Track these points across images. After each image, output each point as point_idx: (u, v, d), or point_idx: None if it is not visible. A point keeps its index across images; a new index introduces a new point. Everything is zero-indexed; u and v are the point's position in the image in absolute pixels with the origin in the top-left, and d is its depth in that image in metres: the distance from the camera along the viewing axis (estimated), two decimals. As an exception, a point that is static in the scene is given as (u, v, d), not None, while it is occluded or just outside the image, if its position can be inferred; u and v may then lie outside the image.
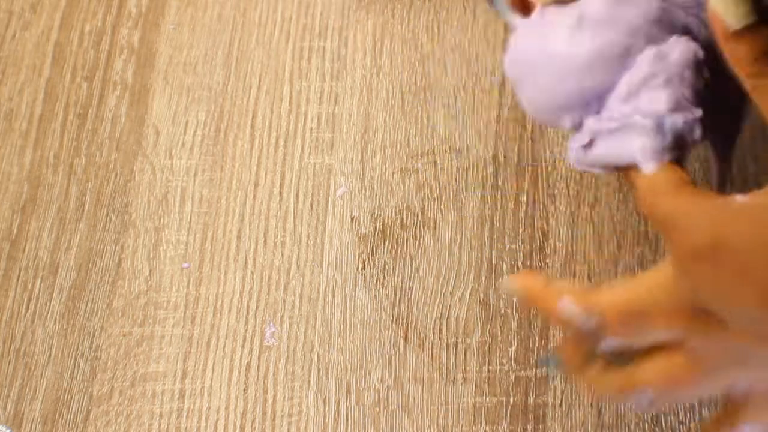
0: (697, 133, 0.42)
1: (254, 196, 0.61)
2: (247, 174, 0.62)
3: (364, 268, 0.59)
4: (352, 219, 0.60)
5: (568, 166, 0.60)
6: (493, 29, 0.65)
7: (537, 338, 0.56)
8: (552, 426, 0.54)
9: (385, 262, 0.59)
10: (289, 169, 0.62)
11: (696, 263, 0.38)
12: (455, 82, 0.64)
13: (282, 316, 0.58)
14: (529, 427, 0.54)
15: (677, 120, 0.41)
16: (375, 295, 0.58)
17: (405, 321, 0.57)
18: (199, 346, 0.57)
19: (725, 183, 0.46)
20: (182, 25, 0.67)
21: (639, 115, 0.41)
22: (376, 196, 0.61)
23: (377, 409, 0.55)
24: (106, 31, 0.67)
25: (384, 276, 0.58)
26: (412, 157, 0.62)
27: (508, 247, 0.59)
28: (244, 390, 0.56)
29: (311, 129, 0.63)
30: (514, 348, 0.56)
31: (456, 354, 0.56)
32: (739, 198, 0.38)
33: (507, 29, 0.65)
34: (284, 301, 0.58)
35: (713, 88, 0.43)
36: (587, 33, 0.43)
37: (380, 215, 0.60)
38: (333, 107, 0.64)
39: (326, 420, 0.55)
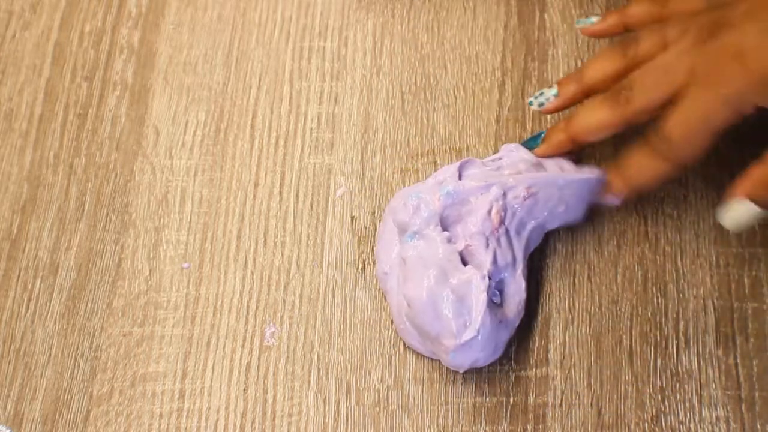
0: None
1: (254, 196, 0.61)
2: (247, 174, 0.62)
3: (364, 268, 0.59)
4: (352, 219, 0.60)
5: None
6: (494, 29, 0.65)
7: (537, 338, 0.56)
8: (552, 426, 0.54)
9: (385, 262, 0.59)
10: (289, 169, 0.62)
11: None
12: (455, 82, 0.64)
13: (282, 316, 0.58)
14: (529, 427, 0.54)
15: None
16: (375, 295, 0.58)
17: (405, 321, 0.57)
18: (199, 346, 0.57)
19: None
20: (182, 25, 0.67)
21: None
22: (376, 196, 0.61)
23: (377, 409, 0.55)
24: (106, 31, 0.67)
25: (384, 276, 0.58)
26: (412, 157, 0.62)
27: (508, 247, 0.59)
28: (244, 390, 0.56)
29: (311, 129, 0.63)
30: (514, 348, 0.56)
31: (456, 354, 0.56)
32: None
33: (507, 29, 0.65)
34: (284, 301, 0.58)
35: None
36: None
37: (380, 215, 0.60)
38: (333, 107, 0.64)
39: (326, 420, 0.55)
